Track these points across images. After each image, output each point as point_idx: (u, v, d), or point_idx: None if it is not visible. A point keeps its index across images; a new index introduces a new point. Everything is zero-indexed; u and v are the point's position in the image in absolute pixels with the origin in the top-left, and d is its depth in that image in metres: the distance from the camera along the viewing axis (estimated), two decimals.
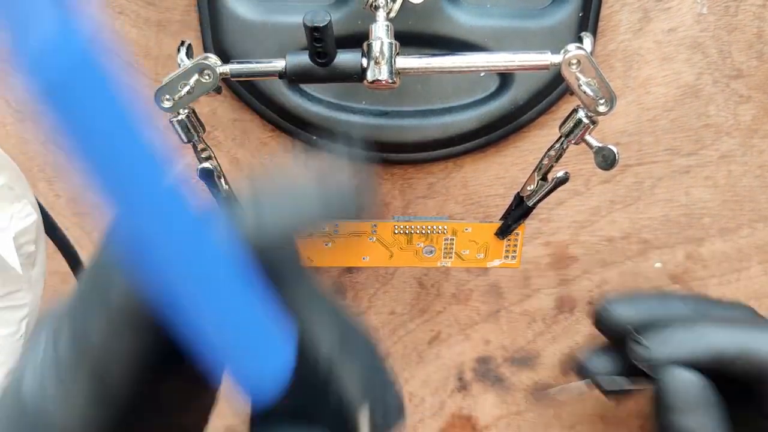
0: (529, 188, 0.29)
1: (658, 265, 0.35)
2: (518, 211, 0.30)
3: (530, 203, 0.29)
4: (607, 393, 0.30)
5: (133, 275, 0.16)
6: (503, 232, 0.31)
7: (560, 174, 0.28)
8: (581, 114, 0.26)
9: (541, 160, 0.28)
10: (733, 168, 0.34)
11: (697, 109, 0.34)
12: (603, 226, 0.35)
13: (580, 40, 0.26)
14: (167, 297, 0.16)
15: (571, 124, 0.27)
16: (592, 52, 0.25)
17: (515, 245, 0.35)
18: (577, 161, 0.34)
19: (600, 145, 0.27)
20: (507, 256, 0.35)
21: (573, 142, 0.27)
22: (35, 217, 0.31)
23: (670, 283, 0.36)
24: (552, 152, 0.28)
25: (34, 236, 0.32)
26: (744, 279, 0.35)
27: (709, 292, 0.36)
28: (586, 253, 0.35)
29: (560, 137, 0.27)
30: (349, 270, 0.36)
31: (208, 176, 0.29)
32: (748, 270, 0.35)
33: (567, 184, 0.35)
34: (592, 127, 0.27)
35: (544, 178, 0.29)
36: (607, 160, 0.27)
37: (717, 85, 0.33)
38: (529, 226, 0.35)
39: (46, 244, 0.34)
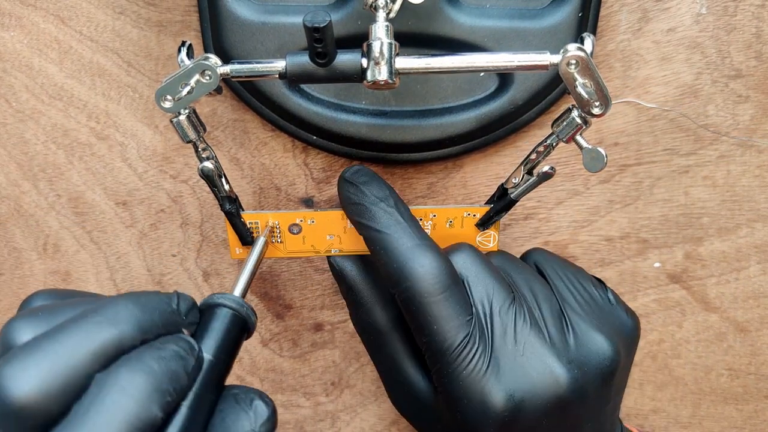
0: (513, 181, 0.29)
1: (657, 264, 0.35)
2: (500, 203, 0.30)
3: (513, 196, 0.29)
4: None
5: None
6: (483, 223, 0.31)
7: (546, 168, 0.28)
8: (575, 114, 0.26)
9: (529, 154, 0.28)
10: (731, 168, 0.34)
11: (696, 109, 0.34)
12: (602, 226, 0.35)
13: (581, 40, 0.26)
14: None
15: (564, 123, 0.27)
16: (592, 53, 0.25)
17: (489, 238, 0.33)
18: (576, 161, 0.35)
19: (589, 146, 0.27)
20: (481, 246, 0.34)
21: (563, 140, 0.27)
22: None
23: (669, 283, 0.36)
24: (541, 148, 0.28)
25: None
26: (743, 278, 0.35)
27: (708, 292, 0.36)
28: (585, 253, 0.36)
29: (551, 134, 0.27)
30: None
31: (209, 176, 0.29)
32: (746, 269, 0.35)
33: (566, 183, 0.35)
34: (584, 127, 0.27)
35: (530, 173, 0.29)
36: (595, 162, 0.26)
37: (716, 85, 0.33)
38: (528, 225, 0.35)
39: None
